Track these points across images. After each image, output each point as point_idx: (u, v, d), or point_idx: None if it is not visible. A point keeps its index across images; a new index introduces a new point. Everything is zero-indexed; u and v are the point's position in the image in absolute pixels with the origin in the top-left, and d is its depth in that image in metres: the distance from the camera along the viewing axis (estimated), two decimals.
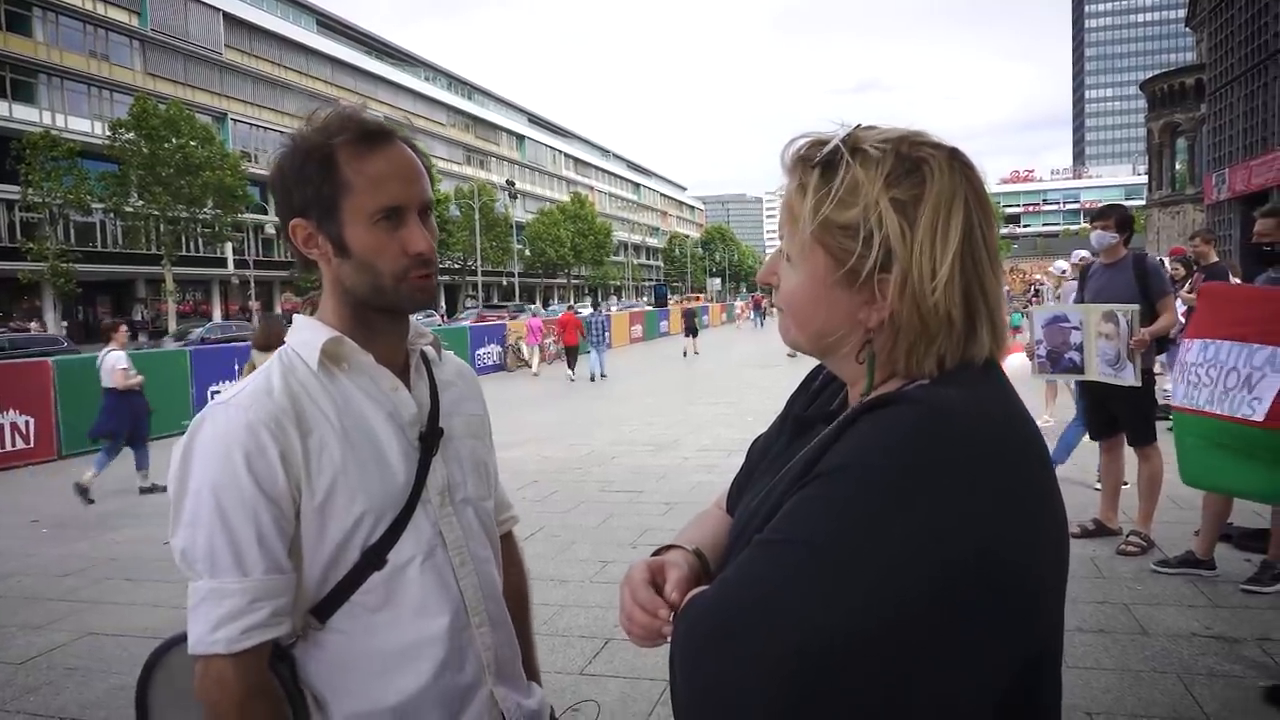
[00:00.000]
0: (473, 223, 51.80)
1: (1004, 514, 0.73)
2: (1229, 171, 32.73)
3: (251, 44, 51.14)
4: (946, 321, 0.80)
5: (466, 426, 1.34)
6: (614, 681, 3.58)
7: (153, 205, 35.73)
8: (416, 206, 1.18)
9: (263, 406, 1.12)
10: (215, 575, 1.08)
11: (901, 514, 0.70)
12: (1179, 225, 42.99)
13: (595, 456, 8.98)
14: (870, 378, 0.85)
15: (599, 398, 15.02)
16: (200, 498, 1.09)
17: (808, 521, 0.74)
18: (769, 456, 1.02)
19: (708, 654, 0.74)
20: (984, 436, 0.75)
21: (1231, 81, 32.79)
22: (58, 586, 5.27)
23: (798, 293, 0.87)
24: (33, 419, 10.10)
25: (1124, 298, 4.93)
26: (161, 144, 34.65)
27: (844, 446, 0.77)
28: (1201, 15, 39.13)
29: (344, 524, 1.14)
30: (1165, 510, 5.38)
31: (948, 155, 0.82)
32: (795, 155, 0.86)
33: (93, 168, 34.20)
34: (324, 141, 1.15)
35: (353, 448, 1.15)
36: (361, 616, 1.17)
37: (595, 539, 5.78)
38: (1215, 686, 3.27)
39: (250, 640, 1.08)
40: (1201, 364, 4.01)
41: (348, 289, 1.20)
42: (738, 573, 0.77)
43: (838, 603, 0.69)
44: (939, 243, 0.79)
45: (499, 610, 1.31)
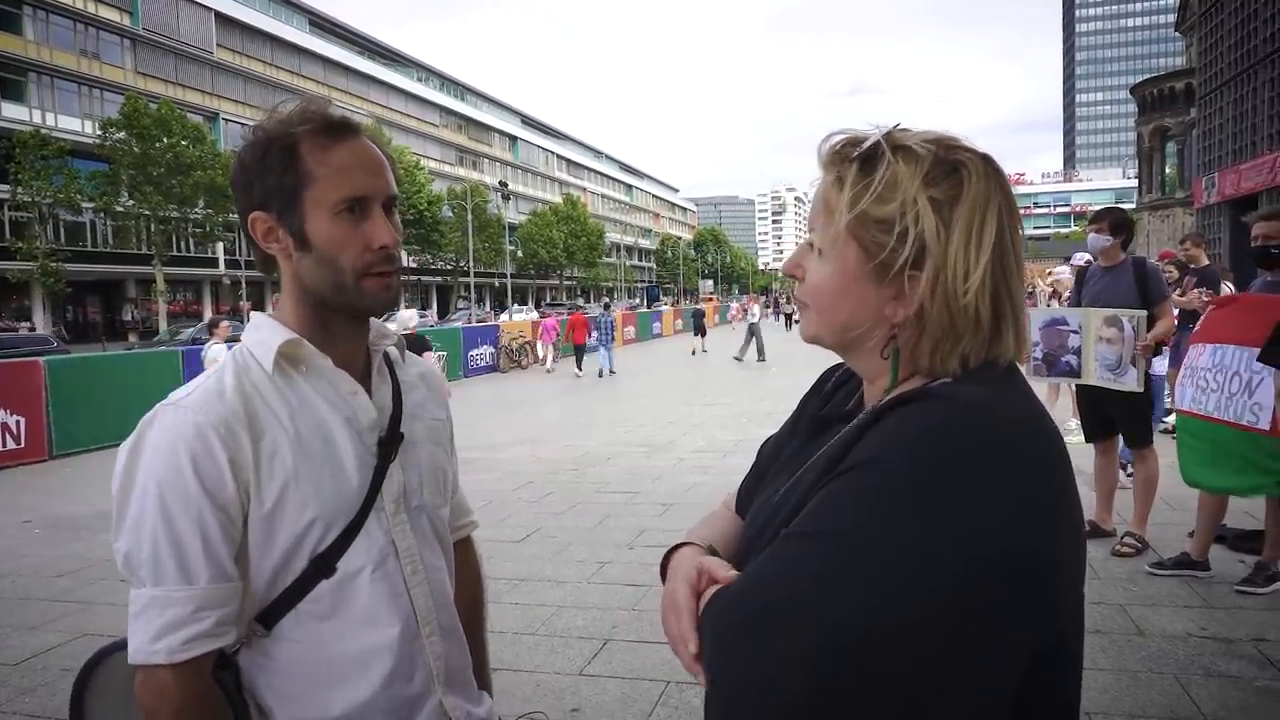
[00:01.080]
0: (465, 224, 51.75)
1: (1029, 510, 0.74)
2: (1218, 175, 32.95)
3: (243, 43, 50.98)
4: (975, 321, 0.81)
5: (427, 431, 1.31)
6: (613, 682, 3.58)
7: (143, 205, 35.56)
8: (380, 199, 1.15)
9: (213, 409, 1.08)
10: (159, 582, 1.05)
11: (929, 508, 0.71)
12: (1168, 229, 43.25)
13: (590, 458, 8.98)
14: (894, 373, 0.86)
15: (596, 398, 15.01)
16: (145, 501, 1.06)
17: (835, 515, 0.74)
18: (782, 457, 1.02)
19: (735, 647, 0.74)
20: (1009, 433, 0.76)
21: (1221, 86, 33.02)
22: (51, 587, 5.24)
23: (825, 285, 0.88)
24: (24, 419, 10.02)
25: (1124, 301, 4.94)
26: (152, 143, 34.48)
27: (871, 441, 0.78)
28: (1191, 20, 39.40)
29: (293, 530, 1.11)
30: (1159, 512, 5.41)
31: (983, 159, 0.84)
32: (832, 150, 0.87)
33: (83, 167, 34.02)
34: (286, 132, 1.12)
35: (305, 453, 1.12)
36: (309, 624, 1.14)
37: (592, 540, 5.78)
38: (1212, 686, 3.28)
39: (193, 650, 1.05)
40: (1210, 369, 4.06)
41: (307, 286, 1.16)
42: (764, 566, 0.78)
43: (865, 596, 0.69)
44: (974, 244, 0.80)
45: (450, 619, 1.28)
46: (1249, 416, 3.93)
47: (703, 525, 1.06)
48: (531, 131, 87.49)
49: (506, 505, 6.85)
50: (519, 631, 4.16)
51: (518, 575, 5.05)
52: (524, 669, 3.74)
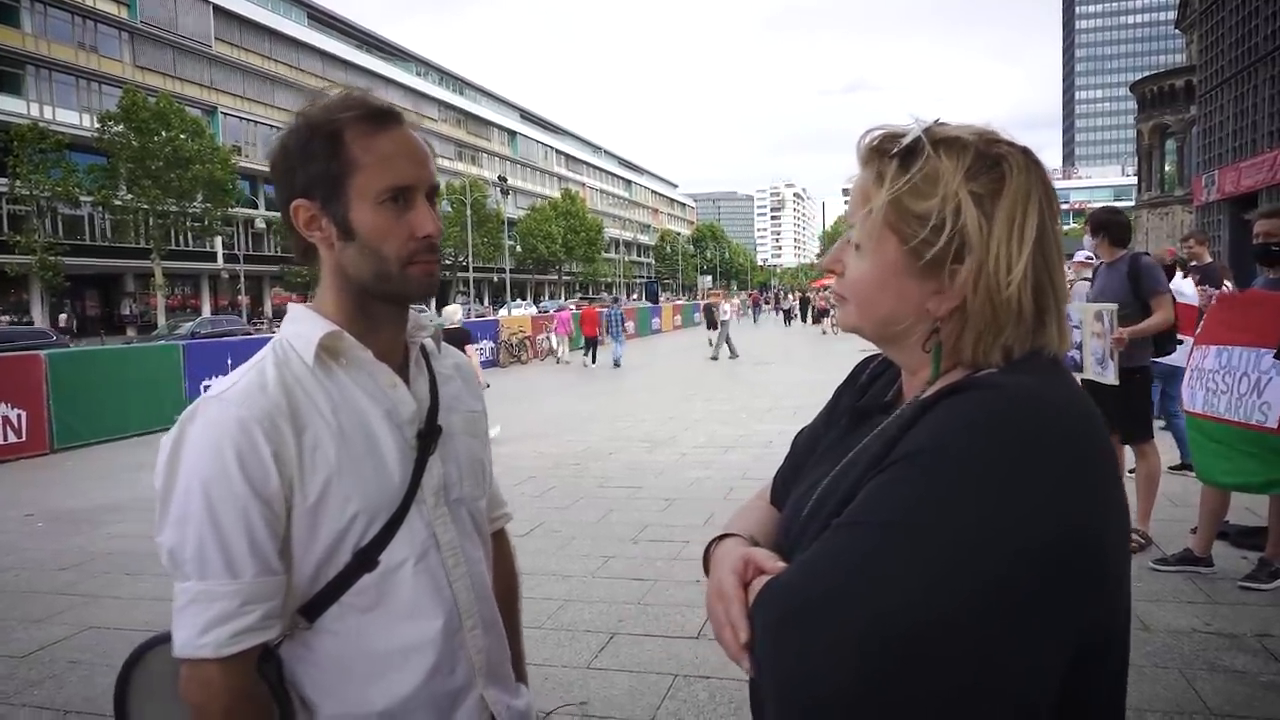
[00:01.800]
0: (464, 219, 51.70)
1: (1079, 499, 0.74)
2: (1218, 173, 32.97)
3: (242, 37, 50.84)
4: (1018, 313, 0.82)
5: (464, 423, 1.31)
6: (621, 675, 3.59)
7: (142, 199, 35.50)
8: (424, 188, 1.15)
9: (256, 402, 1.08)
10: (204, 577, 1.05)
11: (979, 498, 0.71)
12: (1168, 226, 43.30)
13: (592, 452, 8.99)
14: (936, 365, 0.87)
15: (596, 393, 15.01)
16: (190, 495, 1.05)
17: (887, 505, 0.75)
18: (820, 449, 1.02)
19: (787, 638, 0.75)
20: (1057, 423, 0.76)
21: (1221, 83, 33.02)
22: (55, 580, 5.24)
23: (865, 279, 0.88)
24: (25, 413, 10.02)
25: (1119, 296, 4.97)
26: (151, 137, 34.45)
27: (920, 432, 0.78)
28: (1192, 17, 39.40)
29: (337, 524, 1.10)
30: (1162, 508, 5.43)
31: (1023, 153, 0.84)
32: (870, 146, 0.88)
33: (81, 160, 33.98)
34: (330, 119, 1.11)
35: (348, 446, 1.12)
36: (351, 618, 1.13)
37: (595, 534, 5.79)
38: (1217, 681, 3.30)
39: (240, 644, 1.05)
40: (1218, 370, 4.09)
41: (350, 276, 1.15)
42: (815, 557, 0.78)
43: (916, 586, 0.70)
44: (1016, 237, 0.81)
45: (490, 611, 1.28)
46: (1258, 416, 3.96)
47: (741, 516, 1.06)
48: (530, 126, 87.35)
49: (509, 500, 6.80)
50: (525, 625, 4.11)
51: (523, 569, 4.96)
52: (532, 662, 3.71)
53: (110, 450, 10.44)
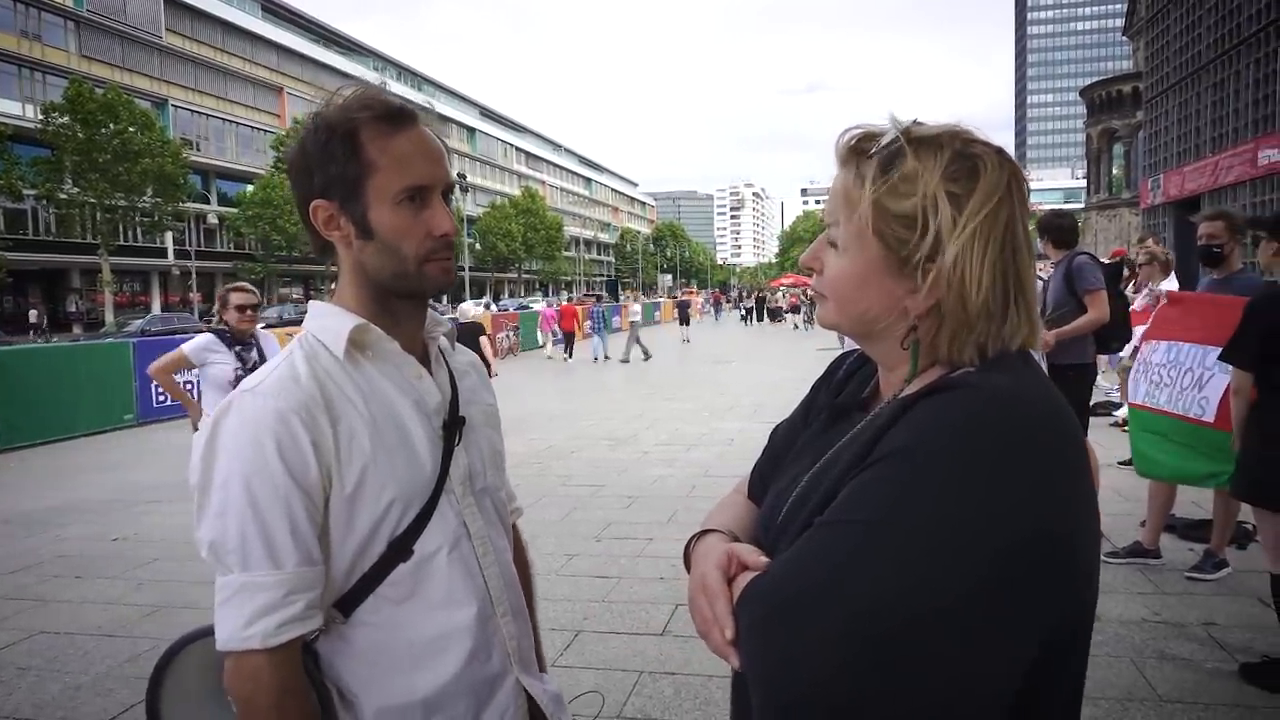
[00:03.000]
0: None
1: (1056, 496, 0.77)
2: (1163, 177, 33.92)
3: (193, 28, 49.68)
4: (989, 311, 0.84)
5: (483, 415, 1.34)
6: (586, 673, 3.59)
7: (88, 192, 34.54)
8: (440, 187, 1.17)
9: (291, 394, 1.09)
10: (247, 568, 1.05)
11: (962, 496, 0.73)
12: (1115, 228, 44.44)
13: (554, 451, 8.97)
14: (914, 364, 0.89)
15: (558, 392, 14.96)
16: (230, 488, 1.05)
17: (869, 503, 0.76)
18: (798, 444, 1.04)
19: (773, 634, 0.76)
20: (1034, 421, 0.79)
21: (1167, 90, 33.97)
22: (4, 584, 5.08)
23: (845, 277, 0.90)
24: None
25: (1056, 297, 5.10)
26: (98, 129, 33.52)
27: (901, 431, 0.80)
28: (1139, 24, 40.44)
29: (373, 514, 1.12)
30: (1111, 502, 5.60)
31: (997, 152, 0.86)
32: (849, 146, 0.89)
33: (24, 152, 32.92)
34: (347, 120, 1.12)
35: (381, 436, 1.13)
36: (387, 609, 1.15)
37: (559, 532, 5.78)
38: (1166, 669, 3.41)
39: (286, 634, 1.05)
40: (1165, 364, 4.20)
41: (369, 273, 1.17)
42: (799, 554, 0.79)
43: (899, 583, 0.71)
44: (986, 235, 0.83)
45: (518, 599, 1.31)
46: (1195, 409, 4.09)
47: (719, 512, 1.07)
48: (490, 124, 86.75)
49: None
50: None
51: None
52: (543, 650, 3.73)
53: (58, 451, 10.15)
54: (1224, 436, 3.86)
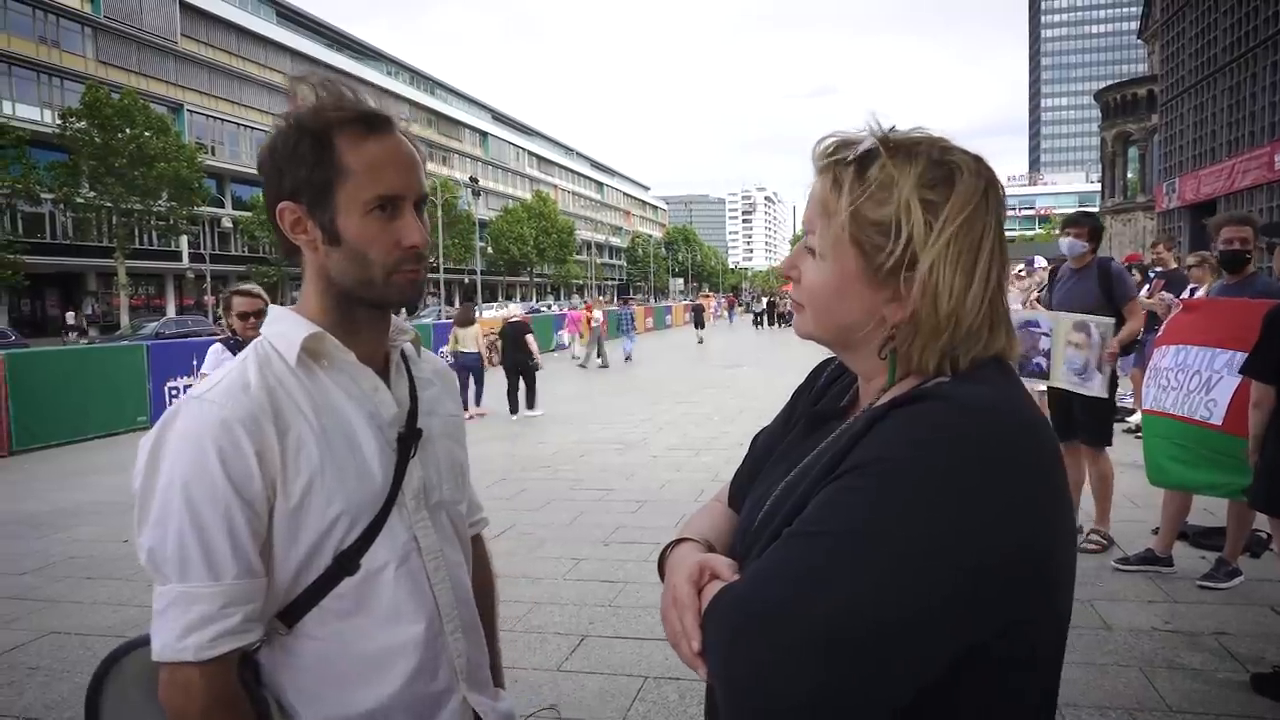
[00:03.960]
0: (435, 220, 51.36)
1: (1029, 510, 0.76)
2: (1179, 180, 33.68)
3: (209, 34, 50.05)
4: (964, 321, 0.83)
5: (444, 427, 1.30)
6: (591, 678, 3.59)
7: (105, 196, 34.83)
8: (413, 198, 1.14)
9: (239, 403, 1.06)
10: (185, 578, 1.03)
11: (931, 510, 0.72)
12: (1130, 232, 44.13)
13: (563, 454, 8.97)
14: (892, 373, 0.88)
15: (567, 395, 14.96)
16: (170, 495, 1.03)
17: (839, 515, 0.75)
18: (777, 452, 1.02)
19: (741, 648, 0.75)
20: (1009, 433, 0.77)
21: (1182, 93, 33.73)
22: (15, 585, 5.12)
23: (823, 286, 0.89)
24: None
25: (1089, 303, 5.04)
26: (114, 134, 33.80)
27: (872, 442, 0.79)
28: (1154, 27, 40.20)
29: (319, 526, 1.09)
30: (1123, 509, 5.54)
31: (974, 160, 0.85)
32: (825, 153, 0.88)
33: (42, 157, 33.21)
34: (321, 123, 1.09)
35: (331, 447, 1.11)
36: (332, 622, 1.12)
37: (566, 537, 5.78)
38: (1176, 678, 3.37)
39: (220, 647, 1.03)
40: (1173, 368, 4.16)
41: (334, 279, 1.15)
42: (768, 566, 0.78)
43: (869, 596, 0.71)
44: (960, 244, 0.82)
45: (471, 615, 1.28)
46: (1203, 412, 4.03)
47: (697, 520, 1.06)
48: (502, 127, 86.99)
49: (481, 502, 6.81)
50: None
51: (494, 572, 5.02)
52: (502, 665, 3.73)
53: (71, 452, 10.23)
54: (1231, 441, 3.81)
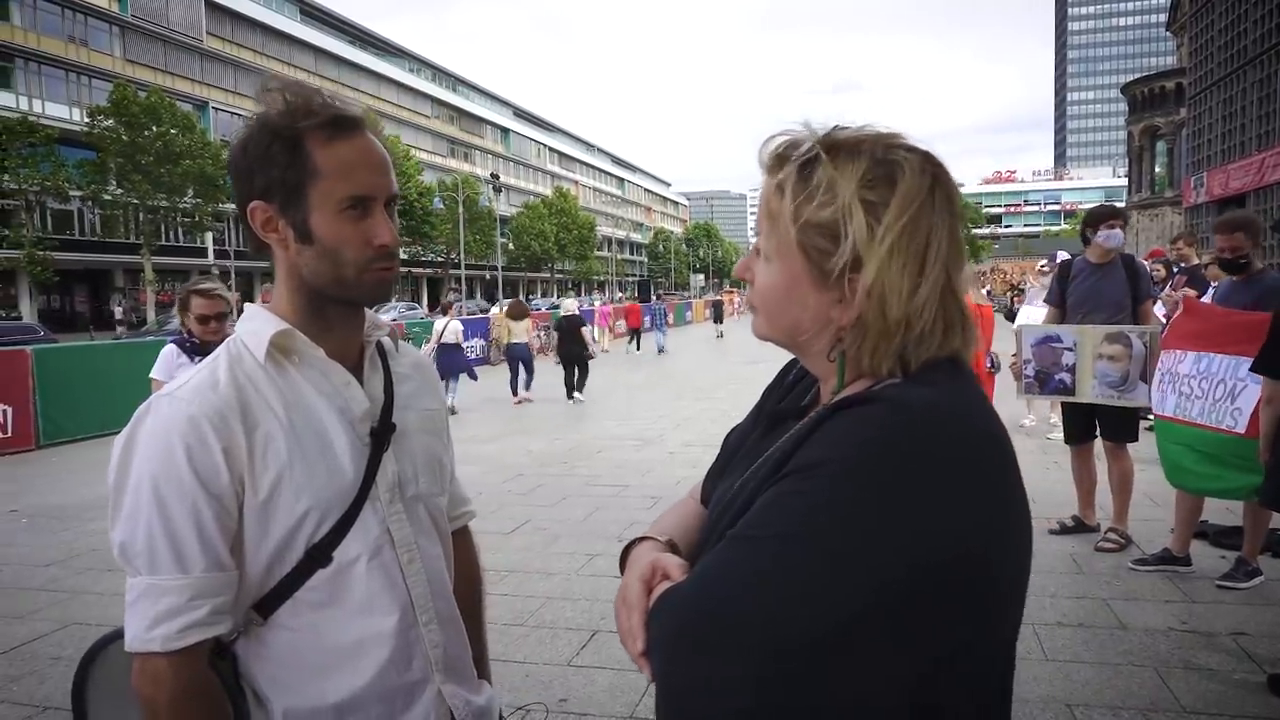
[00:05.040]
0: (456, 216, 51.59)
1: (973, 514, 0.75)
2: (1207, 175, 33.14)
3: (234, 31, 50.58)
4: (912, 322, 0.81)
5: (421, 421, 1.31)
6: (602, 673, 3.60)
7: (132, 193, 35.28)
8: (383, 198, 1.16)
9: (207, 400, 1.09)
10: (154, 571, 1.06)
11: (874, 513, 0.72)
12: (1158, 228, 43.49)
13: (580, 450, 8.99)
14: (840, 376, 0.87)
15: (591, 390, 15.01)
16: (140, 492, 1.06)
17: (779, 519, 0.75)
18: (743, 449, 1.02)
19: (681, 652, 0.76)
20: (954, 436, 0.77)
21: (1211, 86, 33.19)
22: (39, 576, 5.22)
23: (772, 289, 0.88)
24: (10, 408, 9.97)
25: (1118, 300, 4.96)
26: (141, 131, 34.19)
27: (815, 445, 0.78)
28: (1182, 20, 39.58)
29: (288, 521, 1.11)
30: (1142, 508, 5.48)
31: (921, 158, 0.83)
32: (772, 154, 0.87)
33: (70, 154, 33.72)
34: (292, 125, 1.11)
35: (299, 443, 1.13)
36: (306, 613, 1.14)
37: (580, 532, 5.80)
38: (1191, 679, 3.34)
39: (188, 638, 1.06)
40: (1195, 376, 4.12)
41: (305, 278, 1.17)
42: (709, 569, 0.78)
43: (807, 602, 0.71)
44: (904, 243, 0.80)
45: (448, 608, 1.29)
46: (1228, 421, 3.99)
47: (665, 517, 1.06)
48: (523, 124, 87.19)
49: (496, 497, 6.86)
50: (508, 623, 4.18)
51: (507, 567, 5.07)
52: (513, 659, 3.76)
53: (97, 446, 10.38)
54: (1253, 445, 3.77)
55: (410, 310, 40.61)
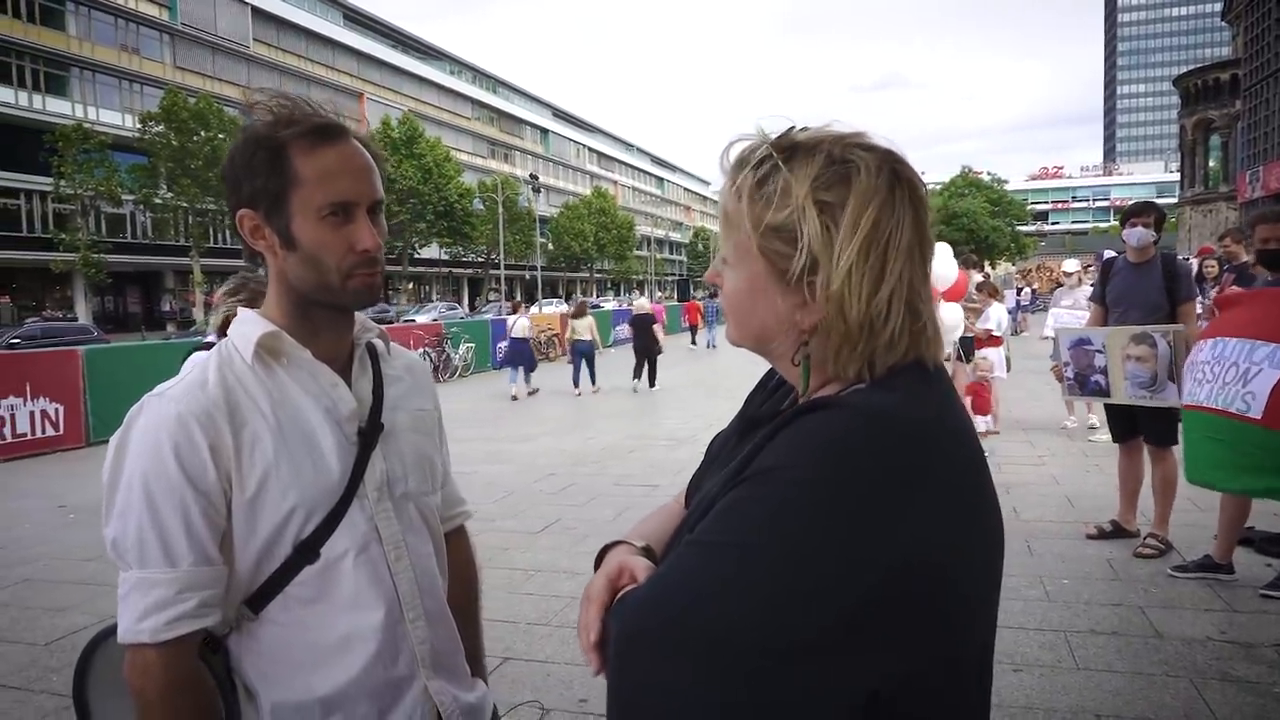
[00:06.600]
0: (496, 216, 52.03)
1: (931, 522, 0.73)
2: (1264, 169, 32.12)
3: (279, 37, 51.61)
4: (873, 325, 0.79)
5: (411, 421, 1.34)
6: None
7: (181, 197, 36.19)
8: (366, 203, 1.18)
9: (194, 399, 1.13)
10: (143, 565, 1.10)
11: (828, 521, 0.71)
12: (1211, 224, 42.30)
13: (613, 450, 9.01)
14: (805, 380, 0.85)
15: (621, 391, 15.04)
16: (131, 488, 1.10)
17: (733, 525, 0.74)
18: (723, 455, 1.01)
19: (633, 656, 0.75)
20: (912, 443, 0.75)
21: (1268, 77, 32.16)
22: (80, 571, 5.38)
23: (736, 294, 0.87)
24: (62, 407, 10.29)
25: (1153, 300, 4.84)
26: (190, 137, 35.07)
27: (774, 449, 0.77)
28: (1238, 9, 38.41)
29: (275, 518, 1.14)
30: (1186, 512, 5.32)
31: (879, 157, 0.81)
32: (730, 158, 0.86)
33: (123, 160, 34.69)
34: (275, 134, 1.15)
35: (286, 442, 1.16)
36: (295, 609, 1.18)
37: (609, 533, 5.72)
38: (1228, 691, 3.23)
39: (176, 630, 1.09)
40: (1209, 361, 3.94)
41: (292, 283, 1.20)
42: (665, 574, 0.78)
43: (760, 609, 0.70)
44: (859, 245, 0.78)
45: (436, 605, 1.31)
46: (1240, 404, 3.75)
47: (646, 522, 1.06)
48: (563, 124, 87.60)
49: (527, 497, 6.90)
50: (532, 622, 4.20)
51: (534, 566, 5.09)
52: (535, 659, 3.78)
53: None
54: (1274, 436, 3.56)
55: (450, 310, 41.01)
